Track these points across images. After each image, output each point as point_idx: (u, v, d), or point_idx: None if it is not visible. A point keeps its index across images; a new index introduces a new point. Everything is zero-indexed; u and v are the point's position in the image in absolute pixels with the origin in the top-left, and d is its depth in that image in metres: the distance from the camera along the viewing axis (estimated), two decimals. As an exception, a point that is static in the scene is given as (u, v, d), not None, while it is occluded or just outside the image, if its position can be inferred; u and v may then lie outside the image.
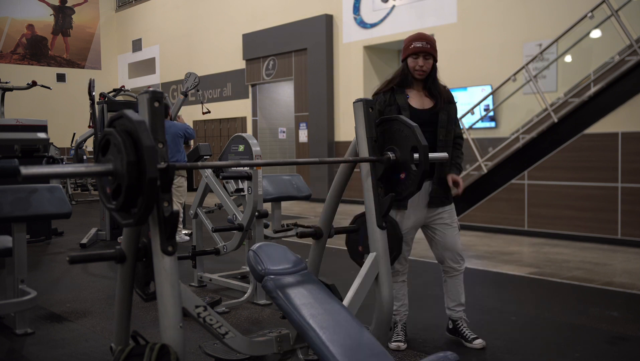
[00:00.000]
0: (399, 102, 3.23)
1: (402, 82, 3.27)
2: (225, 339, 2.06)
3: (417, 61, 3.21)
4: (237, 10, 15.04)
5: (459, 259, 3.35)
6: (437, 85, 3.29)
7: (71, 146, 13.99)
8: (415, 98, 3.28)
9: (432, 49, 3.22)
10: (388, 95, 3.27)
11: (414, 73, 3.24)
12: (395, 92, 3.27)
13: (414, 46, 3.19)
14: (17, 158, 6.73)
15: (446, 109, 3.28)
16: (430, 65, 3.23)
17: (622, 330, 3.65)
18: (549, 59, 8.64)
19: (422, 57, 3.20)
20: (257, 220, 4.25)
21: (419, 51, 3.19)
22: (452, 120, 3.31)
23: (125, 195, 1.72)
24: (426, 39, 3.22)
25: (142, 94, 1.86)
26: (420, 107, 3.26)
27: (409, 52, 3.23)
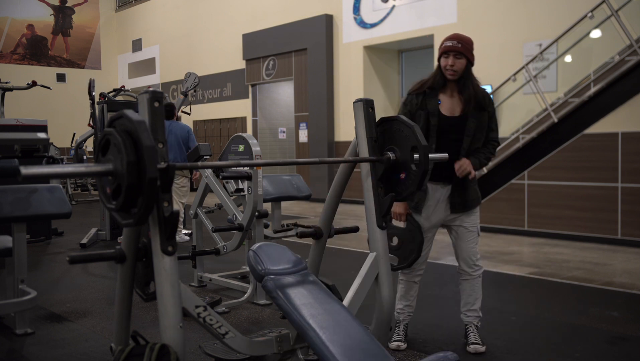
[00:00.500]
0: (429, 107, 3.16)
1: (436, 84, 3.18)
2: (225, 339, 2.06)
3: (447, 60, 3.11)
4: (237, 10, 15.04)
5: (473, 264, 3.28)
6: (469, 88, 3.16)
7: (71, 146, 13.99)
8: (446, 103, 3.19)
9: (463, 48, 3.10)
10: (420, 98, 3.19)
11: (445, 73, 3.14)
12: (428, 96, 3.19)
13: (445, 45, 3.12)
14: (17, 158, 6.73)
15: (476, 116, 3.16)
16: (461, 65, 3.11)
17: (622, 330, 3.65)
18: (549, 59, 8.65)
19: (453, 56, 3.10)
20: (257, 220, 4.25)
21: (449, 50, 3.10)
22: (482, 128, 3.19)
23: (125, 195, 1.72)
24: (458, 39, 3.13)
25: (142, 94, 1.86)
26: (450, 114, 3.18)
27: (440, 51, 3.15)
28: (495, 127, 3.28)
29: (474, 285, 3.30)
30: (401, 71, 12.56)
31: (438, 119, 3.14)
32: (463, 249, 3.28)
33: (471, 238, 3.27)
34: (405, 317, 3.39)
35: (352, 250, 6.53)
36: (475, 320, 3.31)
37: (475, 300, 3.30)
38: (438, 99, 3.18)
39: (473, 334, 3.29)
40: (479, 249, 3.37)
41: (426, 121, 3.15)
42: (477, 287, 3.30)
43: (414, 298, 3.39)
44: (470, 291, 3.30)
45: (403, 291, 3.38)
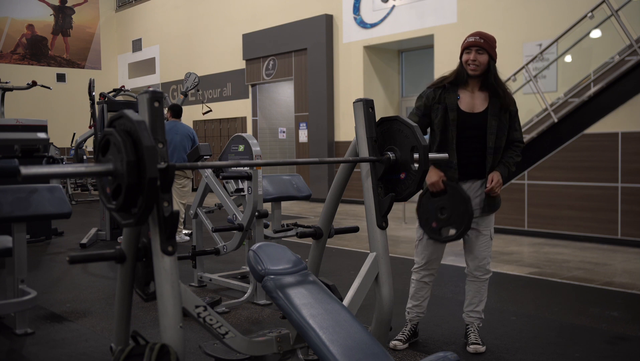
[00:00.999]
0: (448, 101, 3.14)
1: (456, 79, 3.17)
2: (225, 339, 2.06)
3: (469, 55, 3.10)
4: (237, 10, 15.04)
5: (483, 268, 3.26)
6: (492, 85, 3.16)
7: (71, 146, 13.99)
8: (466, 99, 3.17)
9: (486, 44, 3.10)
10: (438, 93, 3.18)
11: (467, 68, 3.12)
12: (447, 90, 3.17)
13: (467, 40, 3.13)
14: (17, 158, 6.73)
15: (497, 114, 3.14)
16: (484, 60, 3.11)
17: (622, 330, 3.65)
18: (549, 59, 8.65)
19: (475, 51, 3.09)
20: (257, 220, 4.25)
21: (471, 45, 3.10)
22: (504, 127, 3.17)
23: (125, 195, 1.73)
24: (481, 35, 3.14)
25: (142, 94, 1.86)
26: (470, 110, 3.16)
27: (463, 47, 3.15)
28: (518, 126, 3.25)
29: (480, 288, 3.28)
30: (401, 71, 12.56)
31: (457, 114, 3.12)
32: (475, 252, 3.25)
33: (484, 242, 3.24)
34: (413, 317, 3.36)
35: (352, 250, 6.52)
36: (476, 320, 3.31)
37: (480, 301, 3.29)
38: (457, 94, 3.16)
39: (473, 334, 3.29)
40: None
41: (444, 116, 3.14)
42: (483, 290, 3.29)
43: (423, 299, 3.35)
44: (476, 293, 3.29)
45: (413, 290, 3.36)
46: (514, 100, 3.23)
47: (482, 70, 3.12)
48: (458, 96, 3.15)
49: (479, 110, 3.15)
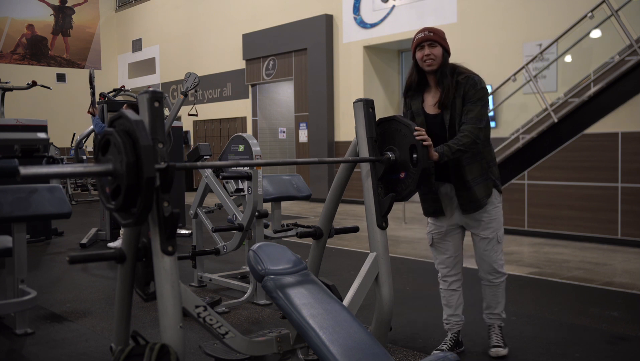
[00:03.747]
0: (414, 107, 3.08)
1: (419, 83, 3.06)
2: (225, 339, 2.06)
3: (423, 51, 2.98)
4: (237, 10, 15.04)
5: (494, 272, 3.13)
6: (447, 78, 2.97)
7: (71, 146, 13.99)
8: (429, 100, 3.06)
9: (436, 36, 2.98)
10: (408, 100, 3.12)
11: (423, 66, 2.99)
12: (412, 97, 3.11)
13: (417, 38, 3.02)
14: (17, 158, 6.73)
15: (448, 107, 2.96)
16: (438, 53, 2.96)
17: (622, 330, 3.65)
18: (549, 59, 8.65)
19: (428, 45, 2.97)
20: (257, 220, 4.25)
21: (422, 41, 2.99)
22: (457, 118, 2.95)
23: (125, 196, 1.73)
24: (429, 29, 3.02)
25: (142, 94, 1.86)
26: (432, 112, 3.04)
27: (414, 46, 3.04)
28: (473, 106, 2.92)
29: (496, 292, 3.16)
30: (401, 71, 12.55)
31: (424, 118, 3.02)
32: (481, 256, 3.13)
33: (489, 245, 3.09)
34: (453, 326, 3.21)
35: (352, 250, 6.52)
36: (497, 321, 3.20)
37: (497, 303, 3.17)
38: (421, 99, 3.07)
39: (495, 336, 3.18)
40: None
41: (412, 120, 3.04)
42: (500, 293, 3.16)
43: (457, 306, 3.20)
44: (492, 297, 3.17)
45: (445, 300, 3.23)
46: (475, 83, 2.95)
47: (438, 64, 2.97)
48: (422, 99, 3.07)
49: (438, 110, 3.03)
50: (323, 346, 2.03)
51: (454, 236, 3.15)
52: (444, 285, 3.22)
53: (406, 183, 2.49)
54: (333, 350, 2.02)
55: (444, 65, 2.98)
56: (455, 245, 3.16)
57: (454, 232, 3.14)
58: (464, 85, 2.95)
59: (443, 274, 3.20)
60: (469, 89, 2.94)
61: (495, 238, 3.10)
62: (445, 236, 3.14)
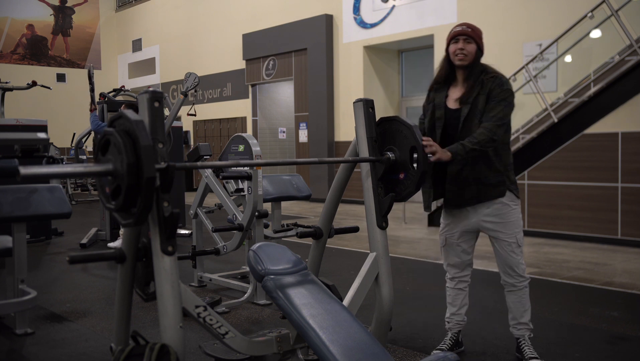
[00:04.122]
0: (436, 100, 3.05)
1: (447, 76, 3.05)
2: (225, 339, 2.06)
3: (457, 45, 2.96)
4: (237, 10, 15.04)
5: (515, 275, 3.04)
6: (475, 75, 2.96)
7: (71, 146, 13.99)
8: (453, 95, 3.03)
9: (473, 33, 2.96)
10: (432, 94, 3.10)
11: (454, 60, 2.98)
12: (437, 90, 3.09)
13: (454, 30, 2.99)
14: (17, 158, 6.73)
15: (468, 102, 2.93)
16: (472, 49, 2.94)
17: (622, 330, 3.65)
18: (549, 59, 8.65)
19: (463, 40, 2.94)
20: (257, 220, 4.25)
21: (458, 34, 2.96)
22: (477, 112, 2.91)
23: (125, 196, 1.73)
24: (468, 24, 3.01)
25: (142, 94, 1.86)
26: (455, 106, 3.01)
27: (449, 38, 3.01)
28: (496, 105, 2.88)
29: (521, 297, 3.06)
30: (401, 71, 12.56)
31: (444, 112, 3.00)
32: (500, 259, 3.06)
33: (507, 248, 3.01)
34: (454, 326, 3.20)
35: (352, 250, 6.52)
36: (526, 332, 3.09)
37: (524, 312, 3.07)
38: (447, 93, 3.04)
39: (528, 348, 3.06)
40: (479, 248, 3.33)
41: (432, 115, 3.05)
42: (524, 299, 3.07)
43: (461, 306, 3.19)
44: (517, 303, 3.07)
45: (450, 298, 3.22)
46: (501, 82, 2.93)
47: (470, 61, 2.95)
48: (447, 94, 3.04)
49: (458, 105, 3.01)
50: (323, 346, 2.03)
51: (467, 239, 3.11)
52: (450, 283, 3.21)
53: (405, 184, 2.49)
54: (333, 350, 2.02)
55: (475, 63, 2.97)
56: (467, 248, 3.13)
57: (467, 236, 3.10)
58: (489, 84, 2.93)
59: (451, 275, 3.20)
60: (494, 88, 2.92)
61: (516, 241, 3.02)
62: (458, 238, 3.11)
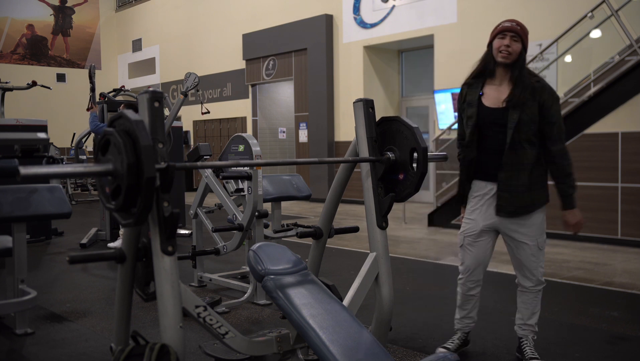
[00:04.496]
0: (469, 97, 2.96)
1: (483, 70, 2.95)
2: (225, 339, 2.06)
3: (503, 40, 2.84)
4: (237, 10, 15.04)
5: (532, 278, 2.98)
6: (523, 77, 2.86)
7: (71, 146, 13.99)
8: (492, 93, 2.93)
9: (522, 31, 2.87)
10: (465, 90, 3.02)
11: (497, 55, 2.87)
12: (470, 86, 2.99)
13: (503, 25, 2.88)
14: (17, 158, 6.73)
15: (521, 107, 2.82)
16: (517, 48, 2.85)
17: (622, 330, 3.65)
18: (549, 59, 8.64)
19: (510, 37, 2.83)
20: (257, 220, 4.25)
21: (506, 30, 2.85)
22: (528, 121, 2.84)
23: (125, 196, 1.73)
24: (517, 22, 2.90)
25: (142, 94, 1.86)
26: (493, 105, 2.91)
27: (495, 32, 2.89)
28: (555, 119, 2.87)
29: (533, 300, 3.02)
30: (401, 71, 12.56)
31: (477, 110, 2.92)
32: (519, 262, 2.98)
33: (529, 252, 2.94)
34: (464, 327, 3.15)
35: (352, 250, 6.52)
36: (530, 333, 3.06)
37: (532, 314, 3.03)
38: (480, 90, 2.95)
39: (529, 348, 3.03)
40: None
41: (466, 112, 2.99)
42: (536, 302, 3.02)
43: (472, 309, 3.12)
44: (528, 305, 3.03)
45: (460, 302, 3.15)
46: (549, 90, 2.89)
47: (513, 59, 2.86)
48: (481, 92, 2.95)
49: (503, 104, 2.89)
50: (323, 346, 2.03)
51: (487, 239, 3.02)
52: (462, 288, 3.11)
53: (405, 185, 2.48)
54: (333, 350, 2.02)
55: (519, 65, 2.88)
56: (485, 249, 3.03)
57: (487, 235, 3.01)
58: (540, 91, 2.86)
59: (465, 278, 3.09)
60: (547, 98, 2.86)
61: (536, 244, 2.95)
62: (477, 238, 3.01)
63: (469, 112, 2.95)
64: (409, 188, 2.46)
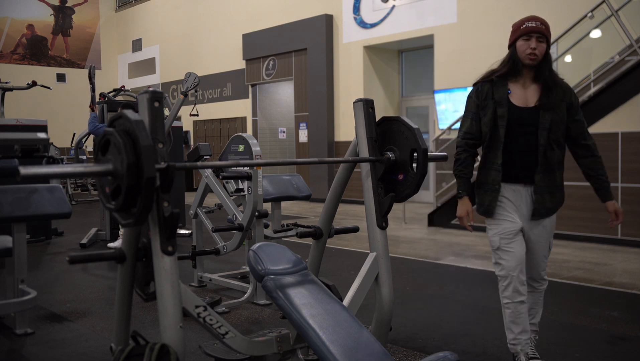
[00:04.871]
0: (497, 96, 2.84)
1: (508, 72, 2.85)
2: (225, 339, 2.06)
3: (529, 43, 2.76)
4: (237, 10, 15.04)
5: (540, 278, 2.98)
6: (548, 75, 2.83)
7: (71, 146, 13.98)
8: (519, 92, 2.85)
9: (546, 30, 2.81)
10: (487, 87, 2.88)
11: (524, 58, 2.79)
12: (495, 84, 2.87)
13: (527, 26, 2.79)
14: (17, 158, 6.73)
15: (553, 108, 2.80)
16: (543, 49, 2.79)
17: (622, 330, 3.65)
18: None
19: (536, 38, 2.76)
20: (257, 220, 4.25)
21: (532, 31, 2.77)
22: (559, 121, 2.83)
23: (125, 196, 1.73)
24: (540, 20, 2.83)
25: (142, 94, 1.86)
26: (523, 104, 2.83)
27: (520, 33, 2.81)
28: (581, 116, 2.94)
29: (537, 299, 3.00)
30: (401, 71, 12.56)
31: (508, 109, 2.81)
32: (531, 261, 2.92)
33: (542, 250, 2.92)
34: (524, 346, 2.86)
35: (352, 250, 6.52)
36: (533, 333, 3.03)
37: (536, 313, 3.01)
38: (508, 88, 2.85)
39: (530, 348, 2.97)
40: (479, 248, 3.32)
41: (494, 112, 2.84)
42: (540, 301, 3.01)
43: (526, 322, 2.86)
44: (533, 304, 2.99)
45: (510, 317, 2.86)
46: (571, 89, 2.92)
47: (539, 61, 2.81)
48: (509, 90, 2.84)
49: (532, 104, 2.83)
50: (323, 346, 2.03)
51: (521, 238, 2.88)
52: (513, 295, 2.83)
53: (404, 185, 2.48)
54: (333, 350, 2.02)
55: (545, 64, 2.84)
56: (522, 247, 2.86)
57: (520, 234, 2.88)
58: (568, 92, 2.89)
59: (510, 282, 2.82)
60: (575, 98, 2.90)
61: (549, 245, 2.96)
62: (515, 236, 2.84)
63: (499, 111, 2.82)
64: (408, 188, 2.46)
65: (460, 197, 2.94)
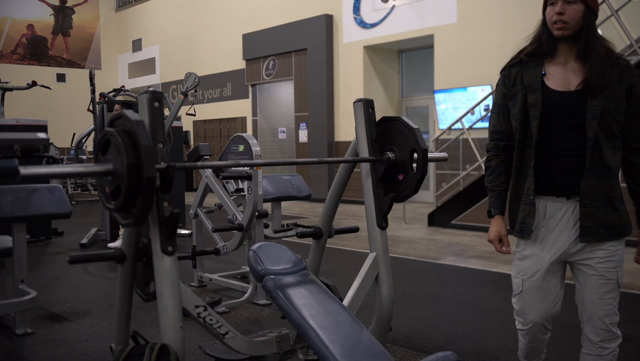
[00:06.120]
0: (527, 79, 2.17)
1: (539, 48, 2.19)
2: (225, 339, 2.06)
3: (555, 7, 2.11)
4: (237, 10, 15.04)
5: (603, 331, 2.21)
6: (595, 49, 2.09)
7: (71, 146, 13.99)
8: (557, 73, 2.15)
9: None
10: (515, 71, 2.23)
11: (552, 29, 2.13)
12: (525, 66, 2.20)
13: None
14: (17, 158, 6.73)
15: (604, 90, 2.07)
16: (576, 13, 2.07)
17: (622, 330, 3.63)
18: (549, 59, 8.64)
19: (562, 1, 2.09)
20: (257, 220, 4.25)
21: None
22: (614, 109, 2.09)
23: (125, 196, 1.73)
24: None
25: (142, 94, 1.86)
26: (563, 88, 2.13)
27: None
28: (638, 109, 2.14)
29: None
30: (401, 71, 12.56)
31: (542, 95, 2.13)
32: (589, 302, 2.20)
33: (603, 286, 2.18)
34: None
35: (352, 250, 6.53)
36: None
37: None
38: (542, 69, 2.17)
39: None
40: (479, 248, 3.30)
41: (524, 101, 2.18)
42: None
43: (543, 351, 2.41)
44: None
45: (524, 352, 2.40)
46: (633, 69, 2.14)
47: (573, 30, 2.10)
48: (543, 71, 2.17)
49: (575, 87, 2.12)
50: (323, 346, 2.03)
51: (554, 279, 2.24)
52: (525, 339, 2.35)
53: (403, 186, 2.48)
54: (333, 350, 2.02)
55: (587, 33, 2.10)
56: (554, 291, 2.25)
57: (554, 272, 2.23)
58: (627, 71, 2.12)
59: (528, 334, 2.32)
60: (636, 82, 2.12)
61: (616, 278, 2.22)
62: (542, 279, 2.22)
63: (531, 98, 2.15)
64: (407, 189, 2.46)
65: (491, 215, 2.30)
